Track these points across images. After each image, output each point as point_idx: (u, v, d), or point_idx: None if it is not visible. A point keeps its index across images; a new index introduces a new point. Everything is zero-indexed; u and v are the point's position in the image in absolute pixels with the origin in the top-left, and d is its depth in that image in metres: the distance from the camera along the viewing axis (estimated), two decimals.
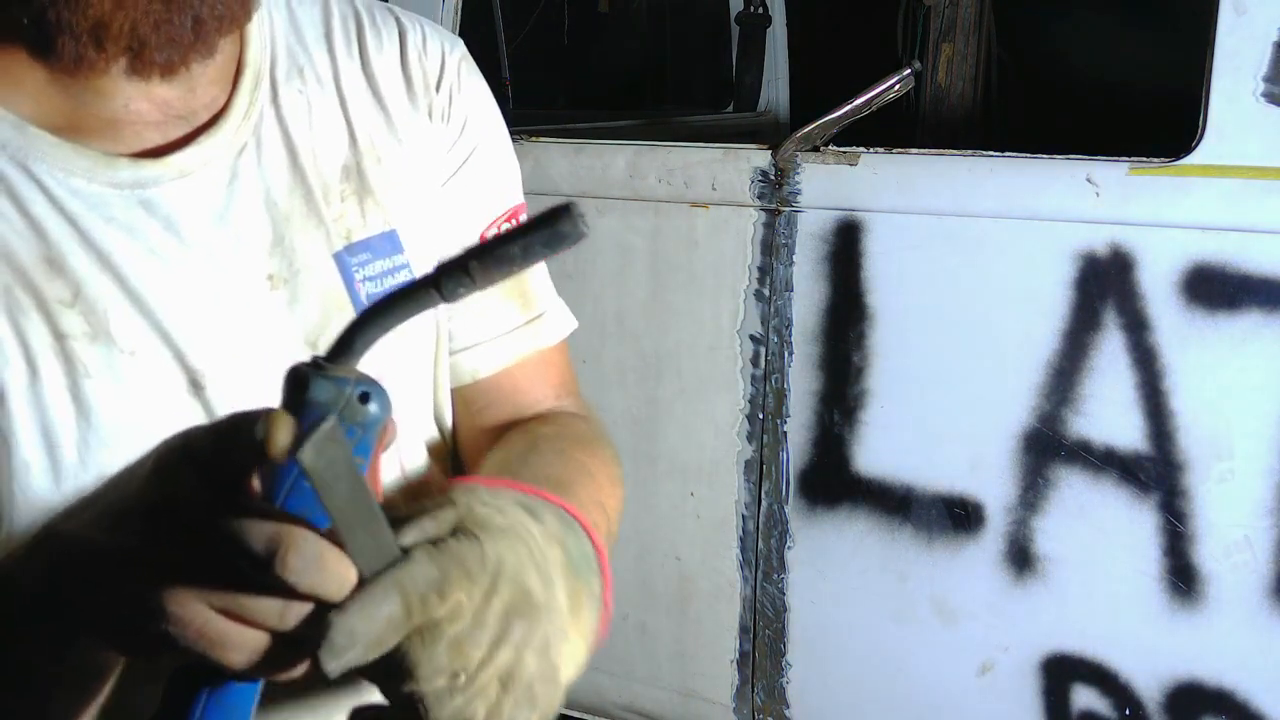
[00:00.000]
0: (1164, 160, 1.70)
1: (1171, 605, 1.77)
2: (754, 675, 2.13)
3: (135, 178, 0.81)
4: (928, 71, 2.87)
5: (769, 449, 2.04)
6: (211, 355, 0.83)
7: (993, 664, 1.92)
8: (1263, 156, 1.63)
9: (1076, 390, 1.78)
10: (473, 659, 0.62)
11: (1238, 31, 1.62)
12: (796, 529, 2.04)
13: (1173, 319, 1.71)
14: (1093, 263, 1.75)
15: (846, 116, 1.89)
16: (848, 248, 1.92)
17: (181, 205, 0.82)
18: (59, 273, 0.79)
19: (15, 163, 0.79)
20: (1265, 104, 1.62)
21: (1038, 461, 1.83)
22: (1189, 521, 1.74)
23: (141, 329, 0.81)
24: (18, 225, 0.78)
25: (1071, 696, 1.87)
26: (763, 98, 3.59)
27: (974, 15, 2.87)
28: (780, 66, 3.58)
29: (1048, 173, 1.77)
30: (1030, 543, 1.85)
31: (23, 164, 0.79)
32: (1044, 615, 1.87)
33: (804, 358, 1.98)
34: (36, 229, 0.78)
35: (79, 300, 0.79)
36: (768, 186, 1.97)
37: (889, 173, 1.89)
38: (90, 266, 0.79)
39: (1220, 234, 1.66)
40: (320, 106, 0.90)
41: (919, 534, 1.94)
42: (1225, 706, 1.76)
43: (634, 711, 2.28)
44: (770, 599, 2.08)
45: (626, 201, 2.07)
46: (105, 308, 0.79)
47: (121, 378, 0.80)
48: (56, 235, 0.79)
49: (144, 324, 0.81)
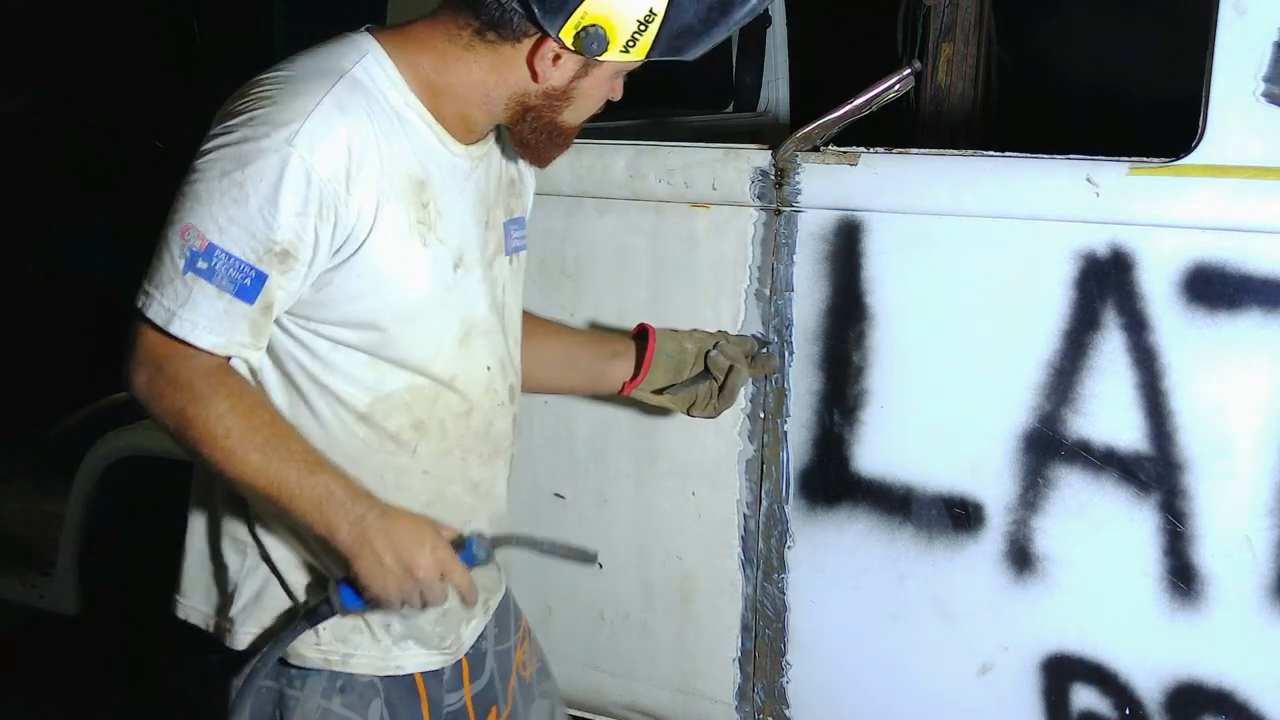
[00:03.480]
0: (1164, 160, 1.70)
1: (1171, 605, 1.77)
2: (755, 674, 2.14)
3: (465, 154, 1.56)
4: (928, 71, 2.87)
5: (769, 449, 2.04)
6: (466, 248, 1.56)
7: (993, 664, 1.93)
8: (1263, 156, 1.63)
9: (1076, 390, 1.78)
10: None
11: (1238, 31, 1.62)
12: (797, 528, 2.04)
13: (1173, 319, 1.71)
14: (1093, 263, 1.75)
15: (846, 116, 1.89)
16: (848, 248, 1.92)
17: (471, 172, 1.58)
18: (424, 189, 1.50)
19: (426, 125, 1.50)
20: (1265, 104, 1.62)
21: (1038, 461, 1.83)
22: (1189, 521, 1.74)
23: (447, 230, 1.52)
24: (411, 158, 1.48)
25: (1071, 696, 1.87)
26: (763, 98, 3.58)
27: (974, 15, 2.87)
28: (780, 66, 3.58)
29: (1048, 173, 1.78)
30: (1030, 543, 1.86)
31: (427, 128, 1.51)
32: (1044, 615, 1.87)
33: (804, 358, 1.98)
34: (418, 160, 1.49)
35: (429, 205, 1.50)
36: (768, 186, 1.97)
37: (889, 173, 1.89)
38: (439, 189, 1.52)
39: (1220, 234, 1.67)
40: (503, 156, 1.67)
41: (919, 534, 1.94)
42: (1225, 706, 1.76)
43: (635, 710, 2.28)
44: (771, 598, 2.08)
45: (626, 201, 2.07)
46: (437, 212, 1.50)
47: (428, 253, 1.50)
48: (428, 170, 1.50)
49: (449, 226, 1.53)
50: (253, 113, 1.39)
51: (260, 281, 1.37)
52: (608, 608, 2.24)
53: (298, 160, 1.36)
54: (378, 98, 1.44)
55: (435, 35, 1.47)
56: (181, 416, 1.38)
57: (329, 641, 1.56)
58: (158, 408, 1.39)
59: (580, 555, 1.63)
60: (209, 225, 1.35)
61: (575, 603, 2.25)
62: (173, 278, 1.36)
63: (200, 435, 1.38)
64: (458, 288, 1.54)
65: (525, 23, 1.42)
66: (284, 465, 1.39)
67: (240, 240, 1.36)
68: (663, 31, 1.41)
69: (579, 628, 2.26)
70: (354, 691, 1.58)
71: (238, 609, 1.58)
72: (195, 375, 1.37)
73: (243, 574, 1.57)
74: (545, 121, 1.52)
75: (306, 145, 1.37)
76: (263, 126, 1.37)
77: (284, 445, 1.40)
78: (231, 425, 1.38)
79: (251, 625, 1.58)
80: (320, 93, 1.39)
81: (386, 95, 1.45)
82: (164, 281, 1.37)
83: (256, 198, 1.35)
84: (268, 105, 1.39)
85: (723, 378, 1.83)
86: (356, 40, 1.48)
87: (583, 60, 1.45)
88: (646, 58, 1.46)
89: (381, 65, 1.46)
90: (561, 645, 2.21)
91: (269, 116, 1.38)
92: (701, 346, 1.92)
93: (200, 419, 1.37)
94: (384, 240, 1.44)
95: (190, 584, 1.64)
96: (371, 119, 1.43)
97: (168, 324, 1.37)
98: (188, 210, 1.37)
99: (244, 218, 1.35)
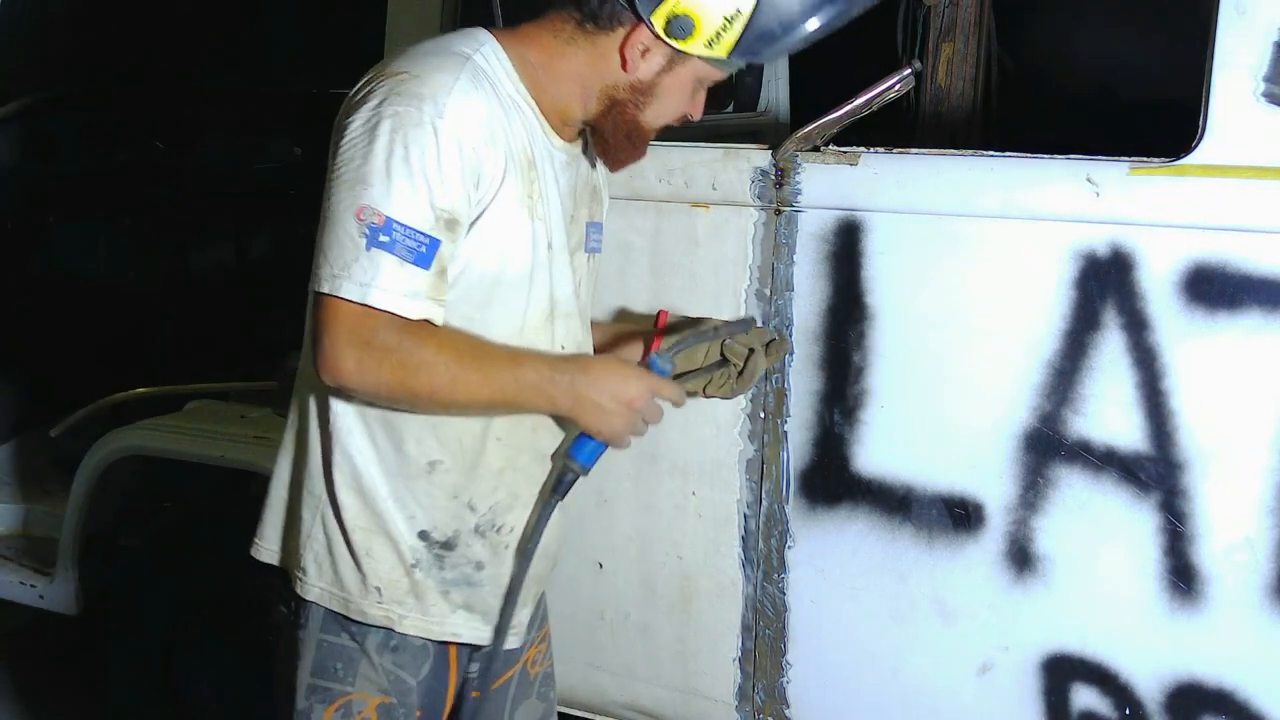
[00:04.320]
0: (1164, 160, 1.70)
1: (1171, 605, 1.77)
2: (755, 674, 2.14)
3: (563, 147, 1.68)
4: (928, 71, 2.87)
5: (770, 448, 2.04)
6: (554, 232, 1.64)
7: (993, 664, 1.93)
8: (1263, 156, 1.63)
9: (1076, 390, 1.79)
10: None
11: (1238, 31, 1.62)
12: (797, 528, 2.04)
13: (1173, 319, 1.71)
14: (1093, 263, 1.75)
15: (846, 116, 1.89)
16: (848, 248, 1.92)
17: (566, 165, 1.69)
18: (532, 168, 1.60)
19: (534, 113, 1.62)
20: (1265, 104, 1.62)
21: (1038, 461, 1.83)
22: (1189, 521, 1.74)
23: (548, 211, 1.62)
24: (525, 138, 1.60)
25: (1071, 696, 1.88)
26: (763, 98, 3.58)
27: (974, 15, 2.87)
28: (780, 66, 3.58)
29: (1048, 173, 1.78)
30: (1030, 543, 1.86)
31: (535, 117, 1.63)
32: (1044, 615, 1.87)
33: (804, 357, 1.98)
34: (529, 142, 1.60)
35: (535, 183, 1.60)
36: (768, 186, 1.97)
37: (889, 173, 1.89)
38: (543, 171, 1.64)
39: (1220, 234, 1.67)
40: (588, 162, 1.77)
41: (919, 534, 1.94)
42: (1225, 706, 1.76)
43: (636, 710, 2.28)
44: (771, 598, 2.08)
45: (627, 201, 2.07)
46: (540, 194, 1.62)
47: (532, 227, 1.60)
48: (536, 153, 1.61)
49: (550, 209, 1.63)
50: (397, 91, 1.49)
51: (434, 247, 1.47)
52: (608, 608, 2.24)
53: (451, 131, 1.47)
54: (496, 83, 1.57)
55: (542, 32, 1.61)
56: (403, 375, 1.48)
57: (389, 602, 1.63)
58: (374, 379, 1.48)
59: (741, 326, 1.78)
60: (383, 202, 1.45)
61: (576, 603, 2.25)
62: (357, 256, 1.45)
63: (425, 384, 1.49)
64: (548, 266, 1.64)
65: (623, 11, 1.54)
66: (498, 373, 1.53)
67: (413, 211, 1.46)
68: (746, 33, 1.53)
69: (579, 628, 2.26)
70: (406, 652, 1.66)
71: (309, 560, 1.65)
72: (401, 337, 1.47)
73: (314, 527, 1.65)
74: (629, 118, 1.62)
75: (455, 116, 1.48)
76: (412, 101, 1.47)
77: (489, 356, 1.54)
78: (446, 362, 1.49)
79: (319, 578, 1.65)
80: (457, 70, 1.51)
81: (501, 82, 1.57)
82: (350, 261, 1.45)
83: (421, 169, 1.46)
84: (410, 83, 1.49)
85: (742, 364, 1.84)
86: (474, 33, 1.61)
87: (669, 54, 1.56)
88: (729, 57, 1.55)
89: (498, 55, 1.59)
90: (562, 645, 2.20)
91: (414, 92, 1.48)
92: (694, 341, 1.92)
93: (422, 370, 1.48)
94: (504, 207, 1.55)
95: (270, 529, 1.73)
96: (495, 96, 1.55)
97: (365, 298, 1.45)
98: (357, 193, 1.46)
99: (412, 190, 1.46)
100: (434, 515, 1.62)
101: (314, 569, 1.65)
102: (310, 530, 1.65)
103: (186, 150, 3.62)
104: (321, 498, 1.64)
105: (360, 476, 1.60)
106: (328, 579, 1.64)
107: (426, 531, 1.62)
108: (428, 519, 1.62)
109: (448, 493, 1.62)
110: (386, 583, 1.62)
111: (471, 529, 1.64)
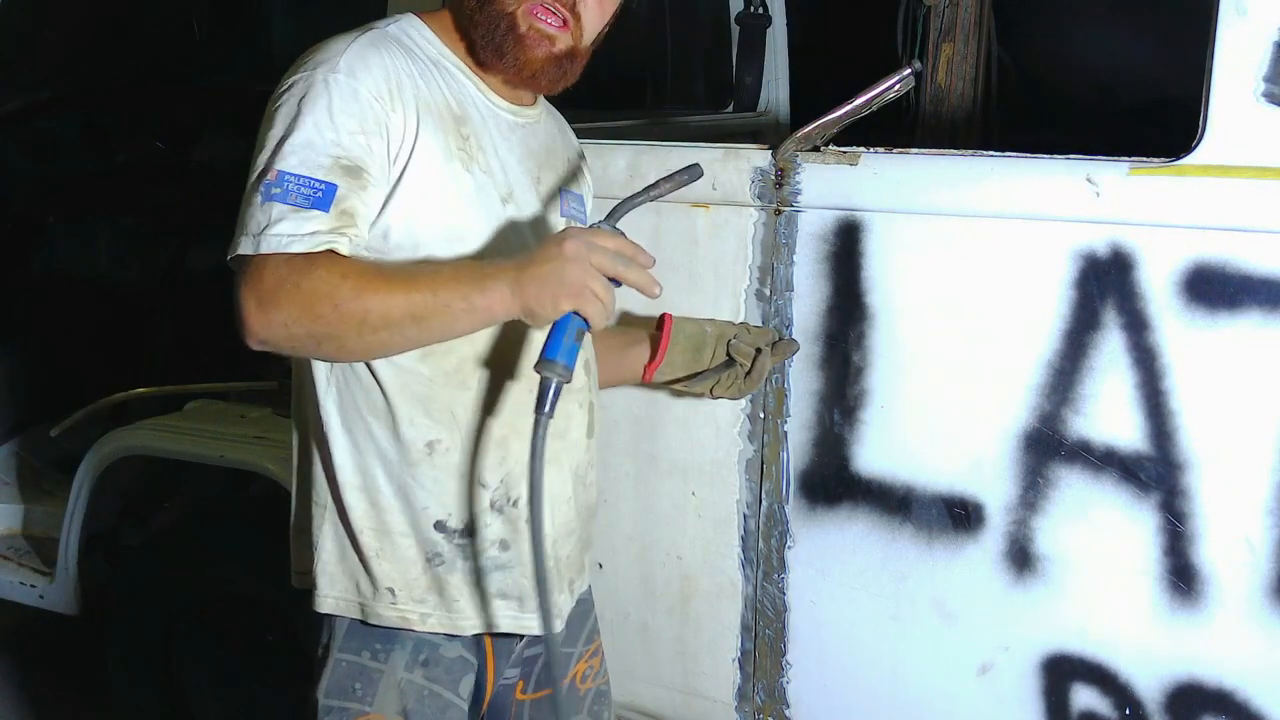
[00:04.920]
0: (1164, 160, 1.70)
1: (1171, 605, 1.77)
2: (755, 674, 2.14)
3: (509, 109, 1.67)
4: (928, 71, 2.87)
5: (769, 448, 2.04)
6: (515, 188, 1.63)
7: (993, 664, 1.93)
8: (1263, 156, 1.63)
9: (1076, 390, 1.79)
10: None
11: (1238, 31, 1.62)
12: (797, 528, 2.04)
13: (1173, 319, 1.71)
14: (1093, 263, 1.75)
15: (846, 116, 1.89)
16: (848, 248, 1.92)
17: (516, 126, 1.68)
18: (463, 123, 1.58)
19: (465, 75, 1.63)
20: (1265, 104, 1.62)
21: (1038, 461, 1.83)
22: (1189, 521, 1.74)
23: (490, 164, 1.62)
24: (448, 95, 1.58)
25: (1071, 696, 1.87)
26: (763, 98, 3.59)
27: (974, 15, 2.87)
28: (780, 66, 3.58)
29: (1048, 173, 1.78)
30: (1030, 543, 1.86)
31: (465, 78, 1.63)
32: (1044, 615, 1.87)
33: (804, 357, 1.98)
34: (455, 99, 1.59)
35: (470, 139, 1.58)
36: (768, 186, 1.97)
37: (889, 173, 1.89)
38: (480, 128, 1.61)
39: (1220, 234, 1.67)
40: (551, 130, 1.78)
41: (919, 534, 1.94)
42: (1225, 706, 1.76)
43: (635, 710, 2.28)
44: (771, 598, 2.09)
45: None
46: (478, 147, 1.59)
47: (472, 179, 1.57)
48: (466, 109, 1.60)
49: (492, 162, 1.63)
50: (297, 66, 1.52)
51: (332, 190, 1.43)
52: (608, 608, 2.24)
53: (343, 83, 1.47)
54: (413, 48, 1.58)
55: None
56: (309, 315, 1.38)
57: (406, 601, 1.59)
58: (278, 319, 1.39)
59: (687, 175, 1.54)
60: (276, 160, 1.44)
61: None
62: (254, 214, 1.43)
63: (328, 307, 1.38)
64: (510, 222, 1.60)
65: None
66: (410, 278, 1.41)
67: (305, 160, 1.44)
68: None
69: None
70: (440, 665, 1.61)
71: (320, 570, 1.62)
72: (299, 277, 1.38)
73: (322, 535, 1.62)
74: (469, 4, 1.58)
75: (347, 69, 1.48)
76: (307, 68, 1.50)
77: (403, 273, 1.42)
78: (343, 276, 1.39)
79: (331, 588, 1.62)
80: (355, 35, 1.54)
81: (422, 48, 1.59)
82: (246, 221, 1.44)
83: (312, 120, 1.45)
84: (309, 55, 1.52)
85: (749, 364, 1.84)
86: (394, 16, 1.64)
87: None
88: None
89: (415, 26, 1.62)
90: None
91: (311, 61, 1.51)
92: (722, 333, 1.93)
93: (321, 293, 1.38)
94: (425, 157, 1.52)
95: (294, 553, 1.68)
96: (406, 57, 1.55)
97: (258, 247, 1.41)
98: (258, 163, 1.46)
99: (303, 140, 1.45)
100: (446, 501, 1.58)
101: (326, 580, 1.61)
102: (319, 540, 1.61)
103: (186, 150, 3.61)
104: (327, 505, 1.61)
105: (364, 474, 1.57)
106: (340, 587, 1.61)
107: (442, 521, 1.58)
108: (440, 507, 1.58)
109: (453, 473, 1.58)
110: (401, 582, 1.58)
111: (487, 507, 1.59)
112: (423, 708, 1.60)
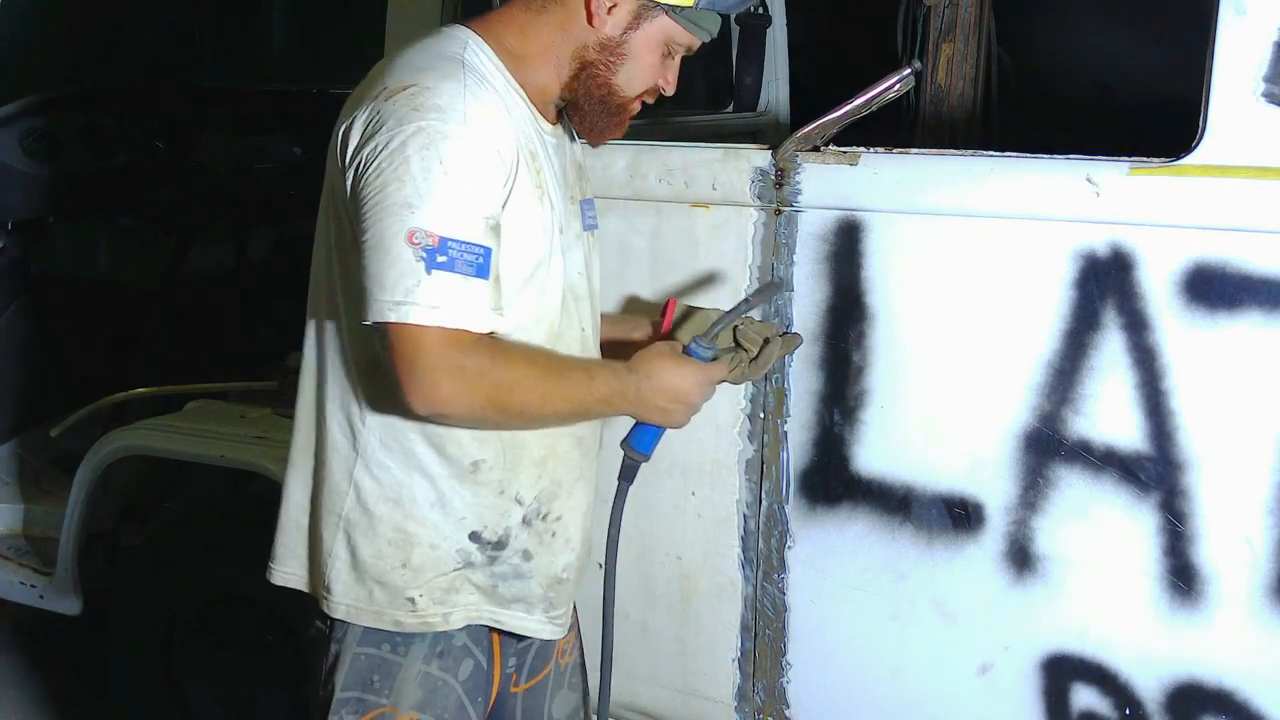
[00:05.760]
0: (1164, 160, 1.70)
1: (1171, 605, 1.77)
2: (755, 674, 2.14)
3: (551, 131, 1.68)
4: (928, 71, 2.87)
5: (769, 448, 2.04)
6: (562, 216, 1.65)
7: (992, 664, 1.93)
8: (1263, 156, 1.63)
9: (1076, 390, 1.78)
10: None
11: (1238, 31, 1.62)
12: (797, 529, 2.04)
13: (1173, 319, 1.71)
14: (1093, 263, 1.75)
15: (846, 116, 1.89)
16: (848, 248, 1.92)
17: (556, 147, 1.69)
18: (534, 157, 1.60)
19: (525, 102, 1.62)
20: (1265, 104, 1.62)
21: (1038, 461, 1.83)
22: (1189, 521, 1.74)
23: (552, 195, 1.63)
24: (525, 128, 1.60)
25: (1071, 696, 1.87)
26: (763, 98, 3.58)
27: (974, 15, 2.86)
28: (780, 66, 3.58)
29: (1048, 173, 1.78)
30: (1030, 543, 1.86)
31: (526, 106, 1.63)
32: (1044, 615, 1.87)
33: (804, 357, 1.98)
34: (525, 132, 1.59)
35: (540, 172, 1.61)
36: (768, 186, 1.97)
37: (889, 173, 1.89)
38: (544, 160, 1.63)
39: (1220, 234, 1.67)
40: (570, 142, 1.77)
41: (919, 534, 1.94)
42: (1225, 706, 1.76)
43: (635, 710, 2.28)
44: (771, 598, 2.08)
45: (627, 201, 2.07)
46: (545, 179, 1.61)
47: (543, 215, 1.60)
48: (534, 141, 1.61)
49: (553, 193, 1.63)
50: (413, 106, 1.47)
51: (489, 256, 1.47)
52: None
53: (480, 138, 1.48)
54: (488, 78, 1.57)
55: (514, 10, 1.62)
56: (498, 394, 1.48)
57: (428, 605, 1.63)
58: (469, 402, 1.47)
59: (770, 289, 1.90)
60: (433, 222, 1.43)
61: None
62: (419, 280, 1.42)
63: (518, 402, 1.51)
64: (563, 251, 1.65)
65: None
66: (577, 389, 1.56)
67: (463, 225, 1.45)
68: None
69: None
70: (450, 655, 1.67)
71: (333, 577, 1.64)
72: (492, 356, 1.48)
73: (336, 544, 1.64)
74: (600, 81, 1.61)
75: (478, 121, 1.48)
76: (432, 114, 1.46)
77: (566, 370, 1.59)
78: (535, 378, 1.52)
79: (345, 595, 1.64)
80: (461, 75, 1.51)
81: (493, 76, 1.58)
82: (412, 287, 1.42)
83: (461, 181, 1.45)
84: (423, 95, 1.48)
85: (756, 350, 1.84)
86: (452, 32, 1.61)
87: (635, 7, 1.57)
88: (695, 6, 1.57)
89: (482, 49, 1.59)
90: None
91: (431, 104, 1.47)
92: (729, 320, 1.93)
93: (516, 388, 1.50)
94: (521, 198, 1.55)
95: (284, 551, 1.72)
96: (495, 94, 1.56)
97: (438, 320, 1.43)
98: (404, 218, 1.43)
99: (458, 204, 1.45)
100: (483, 515, 1.63)
101: (340, 586, 1.64)
102: (332, 548, 1.64)
103: (186, 150, 3.61)
104: (344, 515, 1.63)
105: (401, 487, 1.60)
106: (355, 594, 1.63)
107: (478, 533, 1.63)
108: (477, 519, 1.62)
109: (493, 490, 1.62)
110: (425, 589, 1.62)
111: (520, 521, 1.65)
112: (435, 698, 1.66)
